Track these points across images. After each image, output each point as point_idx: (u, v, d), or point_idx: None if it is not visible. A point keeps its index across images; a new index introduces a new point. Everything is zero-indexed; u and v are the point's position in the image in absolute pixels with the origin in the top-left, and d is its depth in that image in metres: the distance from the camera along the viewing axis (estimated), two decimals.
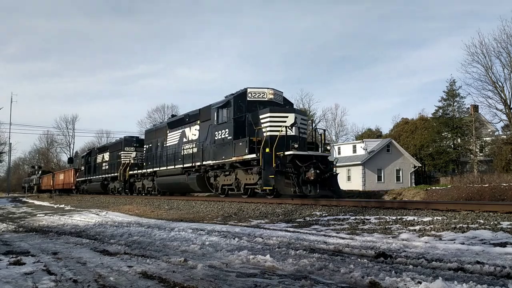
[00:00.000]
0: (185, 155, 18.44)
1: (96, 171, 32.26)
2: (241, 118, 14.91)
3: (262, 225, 8.39)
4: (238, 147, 14.23)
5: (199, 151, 17.08)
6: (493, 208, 7.49)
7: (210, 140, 16.39)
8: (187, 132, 18.95)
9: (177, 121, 20.39)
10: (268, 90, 15.38)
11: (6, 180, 67.67)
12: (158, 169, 20.75)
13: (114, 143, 30.81)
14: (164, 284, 3.58)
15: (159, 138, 21.92)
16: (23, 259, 4.97)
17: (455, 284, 3.24)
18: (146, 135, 24.81)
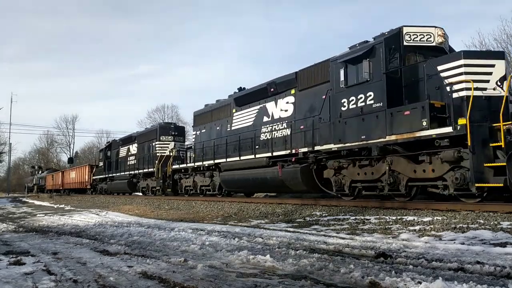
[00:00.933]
0: (272, 140, 13.51)
1: (120, 167, 27.48)
2: (395, 73, 9.68)
3: (262, 225, 8.39)
4: (401, 119, 9.04)
5: (303, 132, 12.12)
6: (493, 208, 7.48)
7: (327, 115, 11.10)
8: (271, 107, 14.04)
9: (251, 94, 15.13)
10: (435, 30, 10.03)
11: (6, 180, 67.65)
12: (224, 161, 15.55)
13: (144, 132, 25.72)
14: (164, 284, 3.59)
15: (218, 121, 17.11)
16: (23, 259, 4.98)
17: (455, 284, 3.24)
18: (196, 119, 19.33)
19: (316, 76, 12.01)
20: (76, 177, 38.35)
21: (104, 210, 15.93)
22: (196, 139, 18.72)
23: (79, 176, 37.39)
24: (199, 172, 18.01)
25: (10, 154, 62.20)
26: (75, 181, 38.40)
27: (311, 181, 11.76)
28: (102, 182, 31.47)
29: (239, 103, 15.77)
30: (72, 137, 75.44)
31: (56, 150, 78.68)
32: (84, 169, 36.56)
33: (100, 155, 32.55)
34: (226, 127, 16.38)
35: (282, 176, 12.53)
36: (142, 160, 23.81)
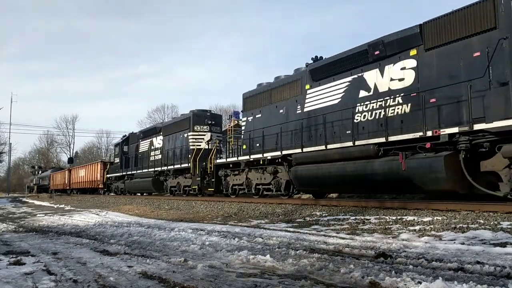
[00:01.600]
0: (376, 121, 10.27)
1: (141, 163, 24.08)
2: None
3: (262, 225, 8.39)
4: None
5: (436, 107, 8.93)
6: (493, 208, 7.48)
7: (497, 76, 7.91)
8: (372, 77, 10.61)
9: (337, 63, 11.61)
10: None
11: (6, 180, 67.65)
12: (298, 152, 12.08)
13: (172, 122, 22.37)
14: (164, 284, 3.59)
15: (282, 102, 13.53)
16: (23, 259, 4.98)
17: (455, 284, 3.24)
18: (246, 102, 15.73)
19: (463, 25, 8.59)
20: (86, 175, 34.97)
21: (104, 210, 15.93)
22: (248, 127, 15.23)
23: (89, 175, 34.09)
24: (254, 167, 14.39)
25: (10, 154, 62.31)
26: (85, 180, 35.16)
27: (459, 176, 8.42)
28: (118, 181, 28.25)
29: (317, 76, 12.10)
30: (72, 137, 75.56)
31: (56, 150, 78.80)
32: (95, 167, 33.10)
33: (115, 150, 28.99)
34: (295, 109, 12.83)
35: (408, 170, 9.04)
36: (171, 154, 20.36)
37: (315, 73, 12.41)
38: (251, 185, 14.87)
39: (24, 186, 58.26)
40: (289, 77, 13.84)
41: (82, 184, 36.20)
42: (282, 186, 13.43)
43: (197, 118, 19.42)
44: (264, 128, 13.91)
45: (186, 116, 20.18)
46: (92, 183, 33.32)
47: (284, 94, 13.74)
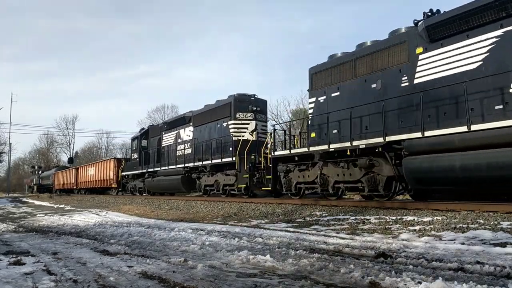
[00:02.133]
0: None
1: (165, 158, 20.96)
2: None
3: (262, 225, 8.39)
4: None
5: None
6: (493, 208, 7.49)
7: None
8: None
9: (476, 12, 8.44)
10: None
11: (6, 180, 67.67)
12: (417, 136, 8.98)
13: (207, 110, 18.26)
14: (164, 284, 3.59)
15: (371, 75, 10.76)
16: (23, 259, 4.98)
17: (455, 284, 3.24)
18: (314, 78, 12.72)
19: None
20: (97, 174, 31.93)
21: (104, 210, 15.94)
22: (319, 109, 12.29)
23: (100, 173, 31.08)
24: (332, 160, 11.42)
25: (10, 154, 62.30)
26: (95, 179, 32.23)
27: None
28: (135, 180, 24.97)
29: (439, 33, 9.17)
30: (72, 137, 75.50)
31: (56, 150, 78.74)
32: (107, 164, 30.05)
33: (133, 145, 25.51)
34: (399, 81, 9.98)
35: None
36: (206, 147, 17.29)
37: (436, 30, 9.22)
38: (327, 183, 11.68)
39: (24, 186, 58.01)
40: (386, 41, 10.60)
41: (92, 184, 33.19)
42: (381, 184, 10.26)
43: (239, 104, 15.96)
44: (344, 109, 10.95)
45: (226, 102, 16.70)
46: (103, 182, 30.29)
47: (377, 63, 10.63)
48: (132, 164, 25.57)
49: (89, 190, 34.68)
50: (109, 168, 29.51)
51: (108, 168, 29.73)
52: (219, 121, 16.96)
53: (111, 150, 72.11)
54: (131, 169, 25.52)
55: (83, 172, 35.90)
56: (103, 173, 30.59)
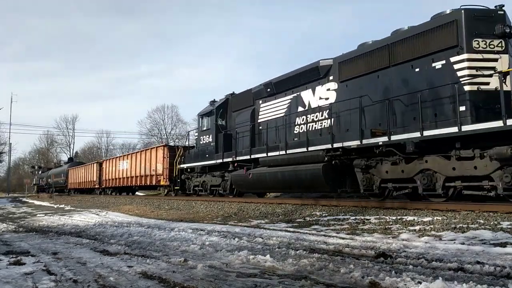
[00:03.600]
0: None
1: (272, 139, 13.94)
2: None
3: (262, 225, 8.39)
4: None
5: None
6: (493, 208, 7.49)
7: None
8: None
9: None
10: None
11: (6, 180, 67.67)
12: None
13: (381, 45, 10.50)
14: (164, 284, 3.59)
15: None
16: (23, 259, 4.98)
17: (455, 284, 3.25)
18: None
19: None
20: (133, 168, 25.49)
21: (104, 210, 15.94)
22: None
23: (140, 167, 24.48)
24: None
25: (10, 154, 62.38)
26: (131, 174, 25.92)
27: None
28: (206, 174, 17.82)
29: None
30: (72, 137, 75.54)
31: (56, 150, 78.75)
32: (153, 155, 22.95)
33: (202, 125, 18.14)
34: None
35: None
36: (395, 109, 9.92)
37: None
38: None
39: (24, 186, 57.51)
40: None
41: (126, 181, 26.77)
42: None
43: (477, 22, 8.76)
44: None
45: (442, 22, 9.18)
46: (145, 179, 23.84)
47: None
48: (199, 152, 18.07)
49: (120, 190, 28.97)
50: (157, 160, 22.44)
51: (154, 159, 22.69)
52: (424, 60, 9.44)
53: (111, 150, 72.18)
54: (196, 159, 18.12)
55: (111, 166, 29.32)
56: (146, 166, 23.83)
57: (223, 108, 17.33)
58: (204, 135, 18.07)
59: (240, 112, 16.35)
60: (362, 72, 11.02)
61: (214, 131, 17.05)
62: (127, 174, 26.90)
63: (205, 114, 18.16)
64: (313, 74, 12.65)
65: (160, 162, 22.37)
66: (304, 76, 13.03)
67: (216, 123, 17.08)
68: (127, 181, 26.89)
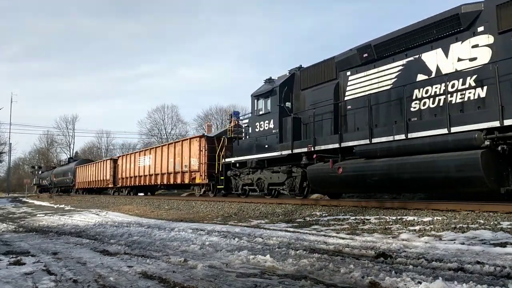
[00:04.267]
0: None
1: (373, 119, 10.39)
2: None
3: (262, 225, 8.39)
4: None
5: None
6: (493, 208, 7.49)
7: None
8: None
9: None
10: None
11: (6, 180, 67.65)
12: None
13: None
14: (164, 284, 3.59)
15: None
16: (23, 259, 4.98)
17: (455, 284, 3.24)
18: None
19: None
20: (158, 165, 22.25)
21: (104, 210, 15.93)
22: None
23: (167, 163, 21.20)
24: None
25: (10, 154, 62.39)
26: (154, 172, 22.66)
27: None
28: (264, 169, 14.40)
29: None
30: (72, 137, 75.65)
31: (56, 150, 78.79)
32: (186, 148, 19.38)
33: (260, 107, 14.61)
34: None
35: None
36: None
37: None
38: None
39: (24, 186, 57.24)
40: None
41: (148, 180, 23.52)
42: None
43: None
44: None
45: None
46: (176, 176, 20.43)
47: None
48: (254, 142, 14.48)
49: (139, 190, 26.21)
50: (190, 153, 19.09)
51: (187, 153, 19.22)
52: None
53: (111, 150, 72.20)
54: (250, 151, 14.66)
55: (129, 163, 26.20)
56: (175, 162, 20.57)
57: (288, 86, 13.61)
58: (261, 120, 14.32)
59: (315, 89, 12.72)
60: None
61: (277, 115, 13.46)
62: (149, 171, 23.43)
63: (262, 94, 14.36)
64: (446, 27, 9.27)
65: (195, 156, 18.82)
66: (428, 32, 9.60)
67: (280, 105, 13.41)
68: (150, 180, 23.55)
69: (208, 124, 35.78)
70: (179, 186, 22.18)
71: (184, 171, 20.04)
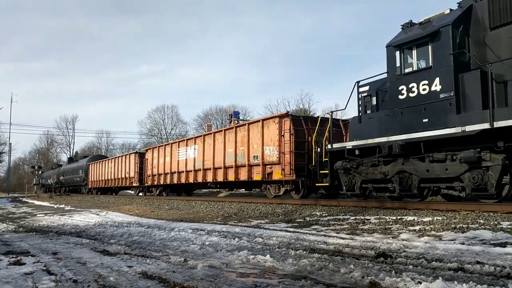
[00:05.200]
0: None
1: None
2: None
3: (262, 225, 8.39)
4: None
5: None
6: (493, 208, 7.49)
7: None
8: None
9: None
10: None
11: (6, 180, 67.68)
12: None
13: None
14: (164, 284, 3.59)
15: None
16: (23, 259, 4.98)
17: (455, 284, 3.25)
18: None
19: None
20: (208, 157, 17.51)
21: (104, 210, 15.93)
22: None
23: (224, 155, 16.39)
24: None
25: (10, 154, 62.44)
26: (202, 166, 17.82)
27: None
28: (410, 158, 9.51)
29: None
30: (72, 137, 75.56)
31: (56, 150, 78.78)
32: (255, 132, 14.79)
33: (406, 62, 9.67)
34: None
35: None
36: None
37: None
38: None
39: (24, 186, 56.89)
40: None
41: (193, 176, 18.54)
42: None
43: None
44: None
45: None
46: (239, 171, 15.62)
47: None
48: (395, 116, 9.72)
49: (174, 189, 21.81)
50: (263, 140, 14.32)
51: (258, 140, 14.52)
52: None
53: (111, 150, 72.18)
54: (382, 131, 10.00)
55: (164, 156, 21.35)
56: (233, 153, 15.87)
57: (464, 25, 9.00)
58: (411, 82, 9.44)
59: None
60: None
61: (451, 70, 8.73)
62: (194, 165, 18.47)
63: (414, 41, 9.54)
64: None
65: (272, 143, 13.84)
66: None
67: (455, 53, 8.76)
68: (196, 176, 18.44)
69: (208, 124, 35.77)
70: (243, 183, 16.91)
71: (253, 164, 14.81)
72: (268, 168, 14.28)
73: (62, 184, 41.01)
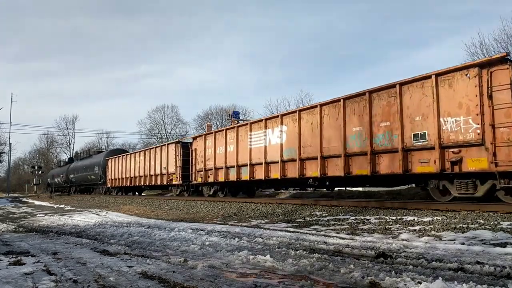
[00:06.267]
0: None
1: None
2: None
3: (262, 225, 8.39)
4: None
5: None
6: (493, 208, 7.49)
7: None
8: None
9: None
10: None
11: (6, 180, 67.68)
12: None
13: None
14: (164, 284, 3.59)
15: None
16: (23, 259, 4.98)
17: (455, 284, 3.25)
18: None
19: None
20: (309, 142, 12.02)
21: (104, 210, 15.93)
22: None
23: (343, 135, 10.83)
24: None
25: (10, 154, 62.40)
26: (298, 154, 12.29)
27: None
28: None
29: None
30: (72, 137, 75.53)
31: (56, 150, 78.77)
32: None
33: None
34: None
35: None
36: None
37: None
38: None
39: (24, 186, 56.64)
40: None
41: (286, 169, 13.13)
42: None
43: None
44: None
45: None
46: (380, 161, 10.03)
47: None
48: None
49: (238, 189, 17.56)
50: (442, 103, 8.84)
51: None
52: None
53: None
54: None
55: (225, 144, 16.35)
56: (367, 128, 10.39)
57: None
58: None
59: None
60: None
61: None
62: (282, 154, 13.26)
63: None
64: None
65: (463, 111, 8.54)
66: None
67: None
68: (284, 169, 13.23)
69: (208, 124, 35.76)
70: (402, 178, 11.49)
71: (413, 148, 9.19)
72: (452, 154, 8.73)
73: (72, 183, 36.22)
